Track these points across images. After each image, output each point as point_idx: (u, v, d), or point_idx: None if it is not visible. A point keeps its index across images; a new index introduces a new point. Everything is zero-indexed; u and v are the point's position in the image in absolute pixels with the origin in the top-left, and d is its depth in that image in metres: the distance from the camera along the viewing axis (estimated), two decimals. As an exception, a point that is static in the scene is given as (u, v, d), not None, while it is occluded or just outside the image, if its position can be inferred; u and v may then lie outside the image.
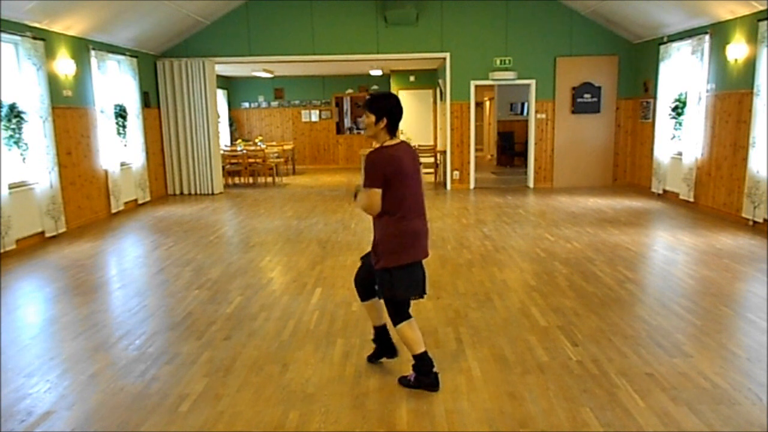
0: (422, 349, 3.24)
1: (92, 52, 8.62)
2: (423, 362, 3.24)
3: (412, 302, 3.30)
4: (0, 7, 6.40)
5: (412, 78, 15.31)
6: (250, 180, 13.04)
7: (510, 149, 15.23)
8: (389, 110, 3.11)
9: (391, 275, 3.14)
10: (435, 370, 3.26)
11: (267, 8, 10.80)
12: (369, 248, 3.18)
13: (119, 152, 9.37)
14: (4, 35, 6.67)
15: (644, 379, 3.30)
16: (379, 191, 3.07)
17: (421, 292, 3.26)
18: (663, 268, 5.69)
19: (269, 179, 13.09)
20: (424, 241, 3.26)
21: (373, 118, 3.10)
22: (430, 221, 3.46)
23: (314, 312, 4.54)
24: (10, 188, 6.71)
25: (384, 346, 3.56)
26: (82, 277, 5.69)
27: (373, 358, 3.62)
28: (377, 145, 3.16)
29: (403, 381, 3.32)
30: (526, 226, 7.64)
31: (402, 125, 14.23)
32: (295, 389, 3.28)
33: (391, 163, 3.08)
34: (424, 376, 3.25)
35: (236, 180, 12.97)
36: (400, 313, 3.23)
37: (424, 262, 3.28)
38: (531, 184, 11.34)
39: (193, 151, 11.17)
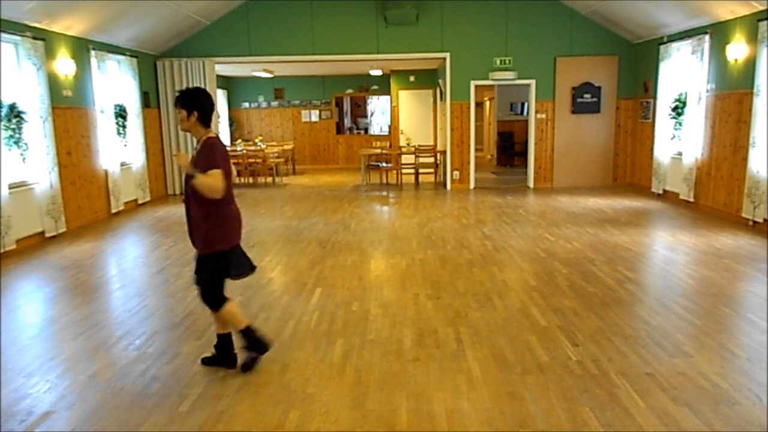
0: (247, 322, 3.51)
1: (92, 52, 8.62)
2: (251, 333, 3.50)
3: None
4: (0, 7, 6.41)
5: (412, 78, 15.30)
6: (250, 180, 13.04)
7: (510, 149, 15.23)
8: (198, 104, 3.32)
9: (227, 257, 3.40)
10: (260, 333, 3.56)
11: (267, 8, 10.80)
12: (369, 248, 3.17)
13: (119, 152, 9.37)
14: (4, 35, 6.67)
15: (644, 379, 3.30)
16: (222, 172, 3.29)
17: (251, 267, 3.57)
18: (663, 268, 5.69)
19: (269, 179, 13.09)
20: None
21: (184, 113, 3.32)
22: (430, 221, 3.49)
23: (314, 312, 4.54)
24: (10, 188, 6.71)
25: (224, 356, 3.57)
26: (82, 277, 5.69)
27: (208, 361, 3.61)
28: (201, 138, 3.40)
29: (247, 367, 3.49)
30: (526, 226, 7.64)
31: (402, 125, 14.16)
32: (295, 389, 3.28)
33: (224, 148, 3.43)
34: (258, 345, 3.50)
35: (236, 180, 12.95)
36: (220, 295, 3.45)
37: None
38: (531, 184, 11.34)
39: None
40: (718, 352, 3.65)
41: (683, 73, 9.02)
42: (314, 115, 16.52)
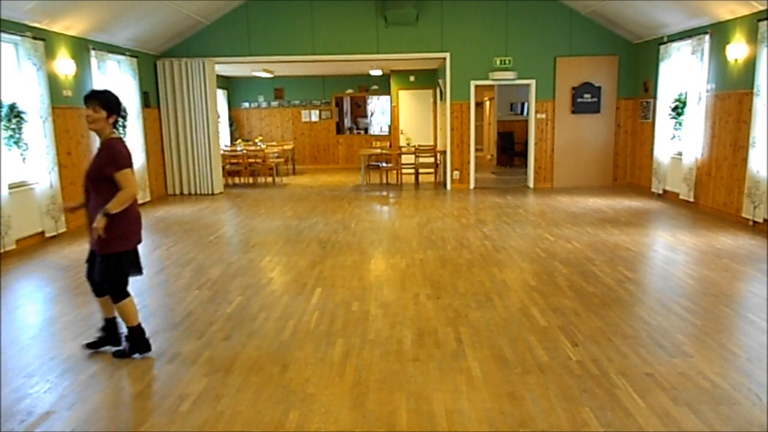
0: (137, 322, 3.70)
1: (92, 52, 8.62)
2: (138, 332, 3.71)
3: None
4: (0, 7, 6.41)
5: (412, 78, 15.30)
6: (250, 180, 13.04)
7: (510, 149, 15.23)
8: (118, 108, 3.53)
9: (122, 258, 3.55)
10: (147, 336, 3.76)
11: (267, 8, 10.80)
12: (369, 248, 3.17)
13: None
14: (4, 35, 6.67)
15: (644, 379, 3.30)
16: (131, 170, 3.49)
17: (140, 270, 3.71)
18: (663, 268, 5.69)
19: (269, 179, 13.10)
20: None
21: (104, 113, 3.47)
22: (430, 221, 3.48)
23: (314, 312, 4.54)
24: (10, 188, 6.71)
25: (111, 336, 3.83)
26: (82, 277, 5.66)
27: (94, 346, 3.82)
28: (106, 138, 3.55)
29: (119, 354, 3.71)
30: (526, 226, 7.64)
31: (402, 125, 14.18)
32: (295, 389, 3.28)
33: (128, 149, 3.55)
34: (139, 344, 3.70)
35: (236, 180, 12.97)
36: (122, 291, 3.64)
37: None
38: (531, 184, 11.34)
39: (193, 151, 11.17)
40: (718, 352, 3.65)
41: (683, 73, 9.02)
42: (314, 115, 16.52)
